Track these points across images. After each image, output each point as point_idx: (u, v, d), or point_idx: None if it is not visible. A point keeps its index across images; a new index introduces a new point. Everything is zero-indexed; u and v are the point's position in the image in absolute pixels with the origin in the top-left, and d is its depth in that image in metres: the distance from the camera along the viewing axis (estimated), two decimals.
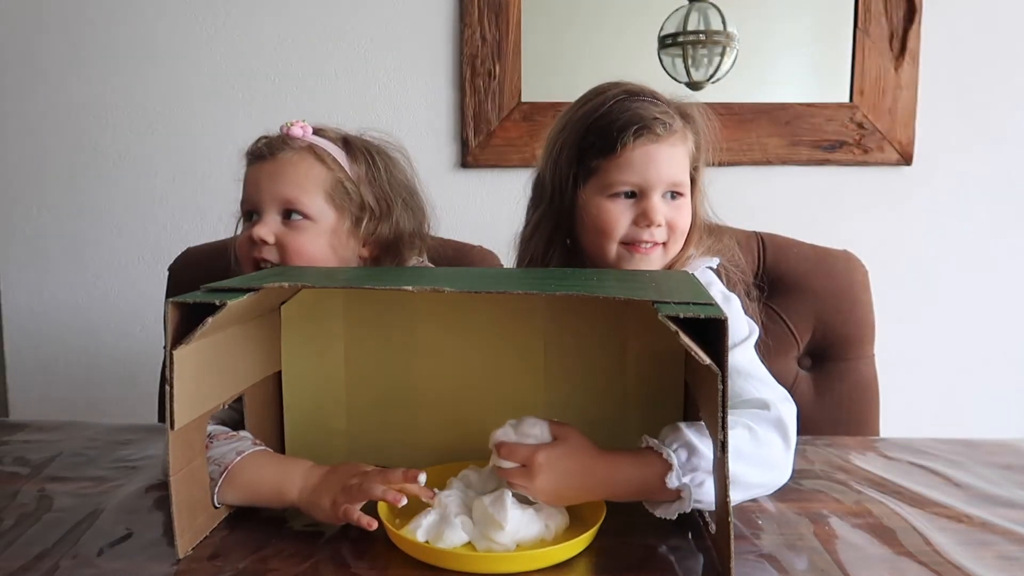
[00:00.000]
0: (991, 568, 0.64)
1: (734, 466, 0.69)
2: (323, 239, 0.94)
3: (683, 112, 0.95)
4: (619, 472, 0.71)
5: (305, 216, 0.93)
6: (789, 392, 0.82)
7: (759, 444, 0.72)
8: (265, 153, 0.95)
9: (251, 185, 0.95)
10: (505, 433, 0.72)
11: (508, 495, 0.69)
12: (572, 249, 0.99)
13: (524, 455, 0.70)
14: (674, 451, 0.69)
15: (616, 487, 0.71)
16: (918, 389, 1.71)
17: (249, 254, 0.93)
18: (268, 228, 0.92)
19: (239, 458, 0.73)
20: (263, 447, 0.77)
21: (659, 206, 0.92)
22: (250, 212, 0.95)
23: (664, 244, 0.94)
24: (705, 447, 0.69)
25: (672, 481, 0.68)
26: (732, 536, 0.59)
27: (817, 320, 1.21)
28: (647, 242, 0.93)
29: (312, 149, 0.95)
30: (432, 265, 1.09)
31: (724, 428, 0.57)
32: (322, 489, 0.71)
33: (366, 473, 0.71)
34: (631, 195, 0.92)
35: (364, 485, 0.69)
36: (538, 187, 1.02)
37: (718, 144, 0.99)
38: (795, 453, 0.89)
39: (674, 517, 0.70)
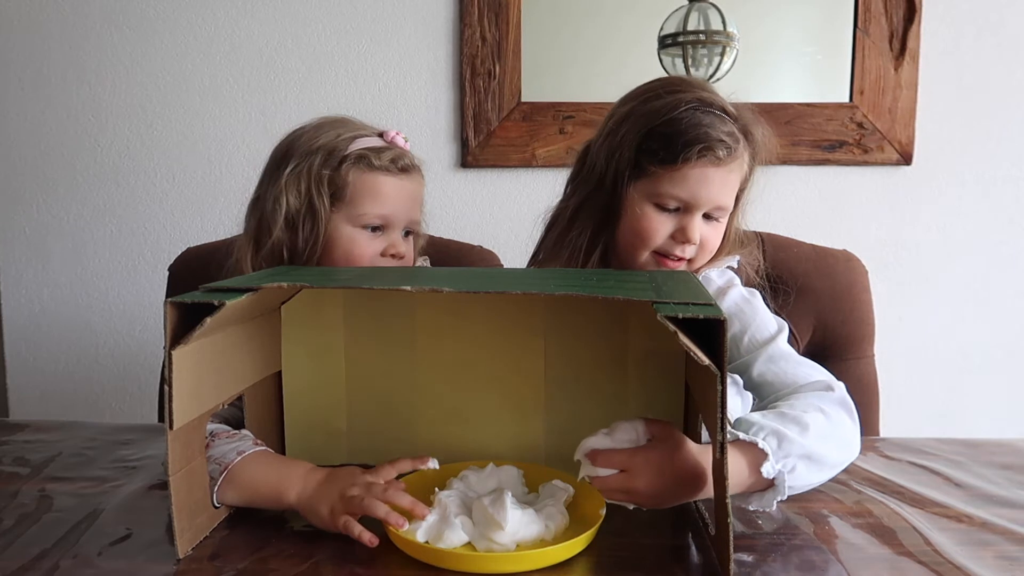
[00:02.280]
0: (991, 568, 0.64)
1: (820, 447, 0.71)
2: (416, 250, 1.01)
3: (746, 130, 0.94)
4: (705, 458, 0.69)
5: (415, 233, 0.99)
6: None
7: (834, 424, 0.74)
8: (406, 167, 0.96)
9: (393, 200, 0.94)
10: (599, 441, 0.70)
11: (508, 495, 0.69)
12: (608, 244, 0.99)
13: (622, 460, 0.68)
14: (764, 439, 0.69)
15: (717, 483, 0.69)
16: (918, 389, 1.71)
17: (379, 265, 0.95)
18: (404, 245, 0.96)
19: (239, 458, 0.73)
20: (264, 447, 0.77)
21: (698, 226, 0.92)
22: (378, 224, 0.94)
23: (691, 260, 0.96)
24: (790, 431, 0.70)
25: (768, 470, 0.68)
26: (731, 536, 0.59)
27: (817, 320, 1.21)
28: (677, 257, 0.94)
29: (420, 169, 0.99)
30: (432, 265, 1.10)
31: (723, 429, 0.57)
32: (321, 496, 0.71)
33: (368, 485, 0.70)
34: (676, 208, 0.93)
35: (366, 501, 0.68)
36: (590, 165, 0.99)
37: (772, 151, 0.99)
38: None
39: (772, 507, 0.70)
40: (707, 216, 0.94)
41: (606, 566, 0.65)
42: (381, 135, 0.97)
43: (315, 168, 0.92)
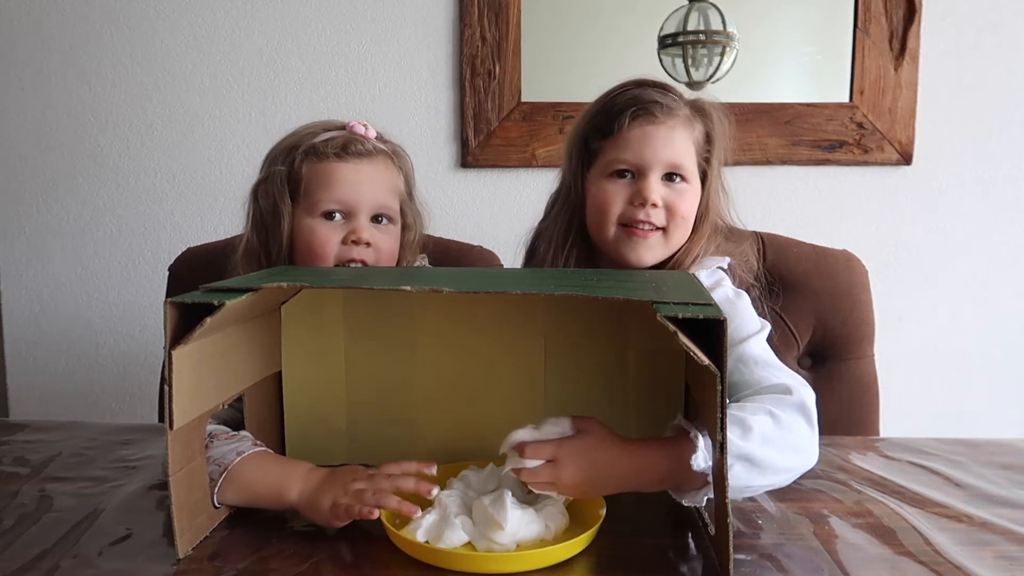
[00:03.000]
0: (991, 568, 0.64)
1: (761, 451, 0.70)
2: (398, 240, 0.99)
3: (696, 105, 0.96)
4: (646, 458, 0.70)
5: (390, 220, 0.97)
6: None
7: (783, 428, 0.72)
8: (361, 152, 0.95)
9: (347, 185, 0.93)
10: (526, 434, 0.70)
11: (508, 495, 0.69)
12: (585, 239, 1.00)
13: (548, 451, 0.69)
14: (697, 434, 0.69)
15: (644, 475, 0.70)
16: (918, 389, 1.71)
17: (344, 255, 0.93)
18: (368, 231, 0.93)
19: (239, 459, 0.73)
20: (263, 447, 0.77)
21: (655, 186, 0.92)
22: (336, 212, 0.93)
23: (664, 230, 0.94)
24: (731, 433, 0.69)
25: (698, 463, 0.67)
26: (731, 537, 0.59)
27: (817, 320, 1.21)
28: (643, 223, 0.93)
29: (390, 155, 0.98)
30: (432, 265, 1.10)
31: (723, 429, 0.57)
32: (322, 491, 0.70)
33: (372, 477, 0.70)
34: (630, 175, 0.94)
35: (377, 494, 0.68)
36: (561, 178, 1.04)
37: (731, 144, 1.00)
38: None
39: (702, 504, 0.70)
40: (669, 179, 0.94)
41: (606, 566, 0.65)
42: (343, 127, 0.97)
43: (276, 168, 0.95)
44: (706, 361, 0.56)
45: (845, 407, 1.21)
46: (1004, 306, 1.71)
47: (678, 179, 0.94)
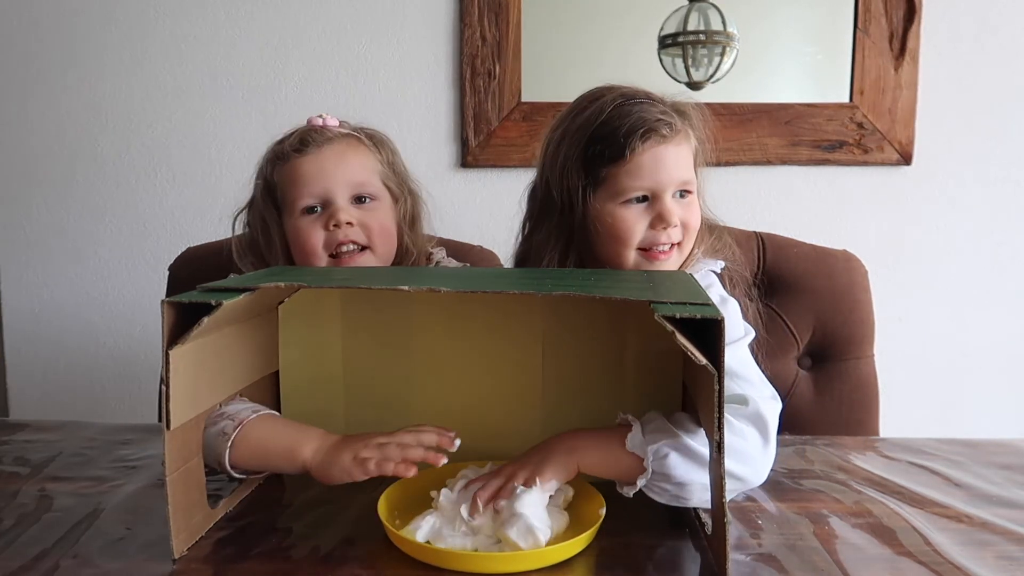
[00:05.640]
0: (991, 568, 0.64)
1: (700, 446, 0.71)
2: (391, 216, 0.99)
3: (679, 110, 0.95)
4: (583, 434, 0.75)
5: (373, 197, 0.97)
6: (788, 393, 0.81)
7: (732, 432, 0.72)
8: (319, 141, 0.96)
9: (316, 174, 0.94)
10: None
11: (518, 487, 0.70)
12: (583, 262, 0.97)
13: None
14: (638, 420, 0.73)
15: (583, 450, 0.74)
16: (918, 389, 1.71)
17: (331, 241, 0.94)
18: (348, 212, 0.94)
19: (255, 415, 0.74)
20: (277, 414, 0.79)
21: (673, 207, 0.91)
22: (314, 204, 0.95)
23: (679, 244, 0.94)
24: (677, 428, 0.71)
25: (633, 442, 0.71)
26: (728, 536, 0.59)
27: (817, 320, 1.21)
28: (664, 244, 0.92)
29: (357, 137, 0.99)
30: (453, 260, 1.11)
31: (720, 428, 0.57)
32: (341, 448, 0.71)
33: (393, 435, 0.72)
34: (643, 199, 0.91)
35: (402, 447, 0.70)
36: (543, 200, 0.98)
37: (714, 142, 0.99)
38: (793, 452, 0.90)
39: (636, 488, 0.72)
40: (681, 195, 0.93)
41: (606, 566, 0.65)
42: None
43: (256, 182, 0.99)
44: (703, 361, 0.56)
45: (845, 407, 1.21)
46: (1004, 306, 1.70)
47: (687, 194, 0.93)
